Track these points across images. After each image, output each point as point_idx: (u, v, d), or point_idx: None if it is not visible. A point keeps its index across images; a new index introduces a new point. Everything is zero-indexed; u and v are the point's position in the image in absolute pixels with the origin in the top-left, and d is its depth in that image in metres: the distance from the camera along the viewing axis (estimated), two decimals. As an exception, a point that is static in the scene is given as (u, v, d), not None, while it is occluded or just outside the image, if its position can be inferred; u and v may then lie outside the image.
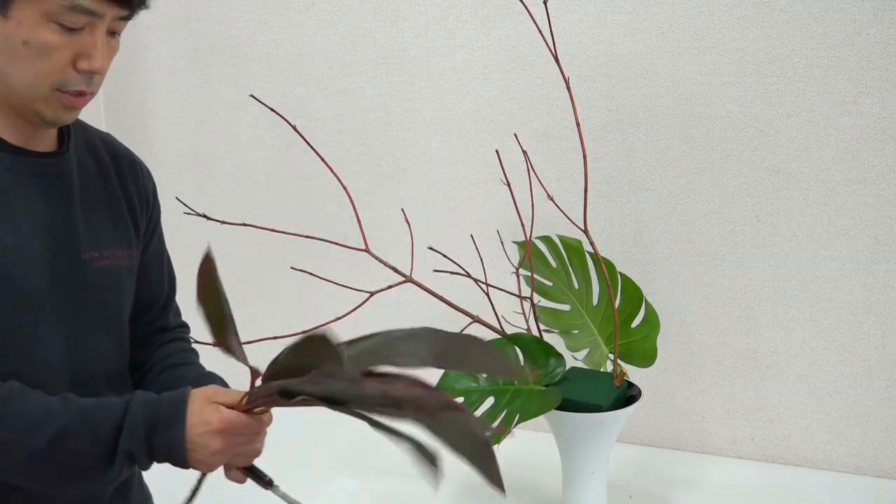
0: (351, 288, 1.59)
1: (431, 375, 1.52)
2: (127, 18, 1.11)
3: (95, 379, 1.18)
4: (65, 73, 1.07)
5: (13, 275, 1.08)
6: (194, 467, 1.06)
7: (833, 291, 1.72)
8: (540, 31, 1.53)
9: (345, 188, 1.56)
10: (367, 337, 1.02)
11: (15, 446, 0.99)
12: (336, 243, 1.57)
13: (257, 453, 1.13)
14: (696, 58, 1.73)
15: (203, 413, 1.04)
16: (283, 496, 1.17)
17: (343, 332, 1.61)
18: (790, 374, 1.77)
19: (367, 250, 1.53)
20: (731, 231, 1.76)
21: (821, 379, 1.75)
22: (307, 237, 1.61)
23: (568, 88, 1.51)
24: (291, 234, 1.63)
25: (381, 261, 1.51)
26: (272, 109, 1.51)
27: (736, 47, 1.70)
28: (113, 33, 1.11)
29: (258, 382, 1.04)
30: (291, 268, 1.69)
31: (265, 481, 1.17)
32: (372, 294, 1.53)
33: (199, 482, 1.12)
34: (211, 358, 1.29)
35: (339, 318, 1.52)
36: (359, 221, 1.56)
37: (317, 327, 1.48)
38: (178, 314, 1.41)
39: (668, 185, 1.79)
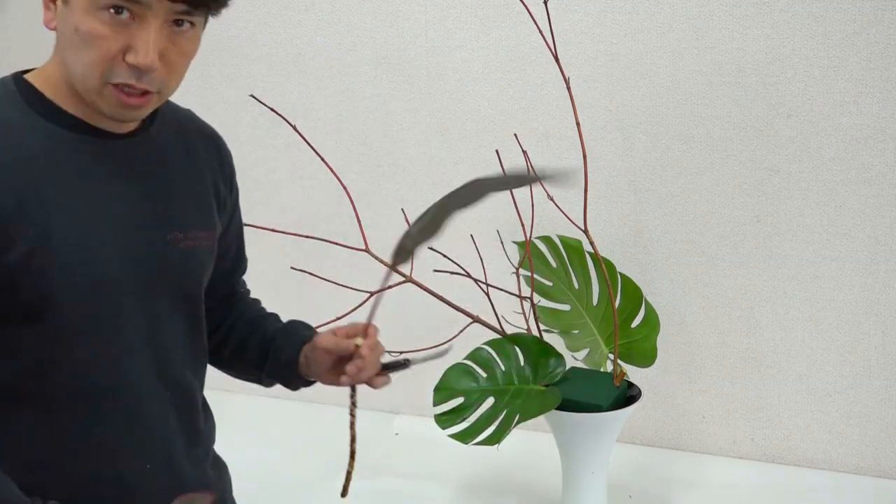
0: (351, 288, 1.59)
1: (432, 378, 1.53)
2: (190, 14, 1.05)
3: (175, 358, 1.19)
4: (113, 64, 1.03)
5: (91, 262, 1.07)
6: None
7: (833, 291, 1.72)
8: (540, 31, 1.53)
9: (345, 188, 1.56)
10: (420, 216, 1.11)
11: None
12: (336, 243, 1.57)
13: None
14: (696, 58, 1.73)
15: None
16: (423, 359, 1.23)
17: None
18: (790, 374, 1.77)
19: (367, 250, 1.53)
20: (731, 231, 1.76)
21: (821, 379, 1.75)
22: (307, 237, 1.61)
23: (568, 88, 1.51)
24: (291, 234, 1.63)
25: (381, 261, 1.51)
26: (272, 109, 1.51)
27: (736, 47, 1.70)
28: (178, 24, 1.05)
29: None
30: (291, 268, 1.69)
31: (403, 364, 1.22)
32: (372, 294, 1.53)
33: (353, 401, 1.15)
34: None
35: (338, 318, 1.52)
36: (359, 221, 1.56)
37: (316, 328, 1.48)
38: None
39: (668, 185, 1.79)
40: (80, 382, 1.09)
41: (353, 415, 1.17)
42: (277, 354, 1.30)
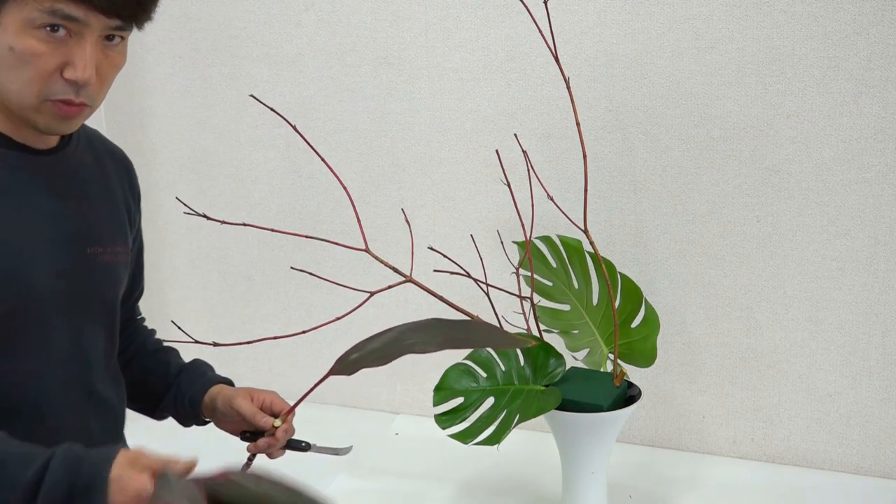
0: (351, 288, 1.59)
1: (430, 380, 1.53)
2: (123, 29, 1.09)
3: (95, 369, 1.20)
4: (50, 81, 1.05)
5: (22, 271, 1.09)
6: None
7: (833, 291, 1.72)
8: (540, 31, 1.53)
9: (345, 188, 1.56)
10: (380, 334, 1.04)
11: None
12: (336, 243, 1.57)
13: None
14: (696, 58, 1.73)
15: (121, 480, 0.97)
16: (322, 450, 1.24)
17: (343, 332, 1.61)
18: (790, 374, 1.77)
19: (367, 250, 1.53)
20: (731, 231, 1.76)
21: (821, 379, 1.75)
22: (307, 237, 1.61)
23: (568, 88, 1.51)
24: (291, 234, 1.63)
25: (381, 261, 1.51)
26: (272, 109, 1.51)
27: (736, 47, 1.70)
28: (110, 39, 1.09)
29: None
30: (291, 268, 1.69)
31: (302, 447, 1.24)
32: (372, 294, 1.53)
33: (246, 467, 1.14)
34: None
35: (339, 318, 1.52)
36: (359, 221, 1.56)
37: (316, 327, 1.49)
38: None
39: (668, 185, 1.79)
40: (5, 393, 1.08)
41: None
42: (182, 392, 1.33)
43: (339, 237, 1.65)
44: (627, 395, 1.51)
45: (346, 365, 1.01)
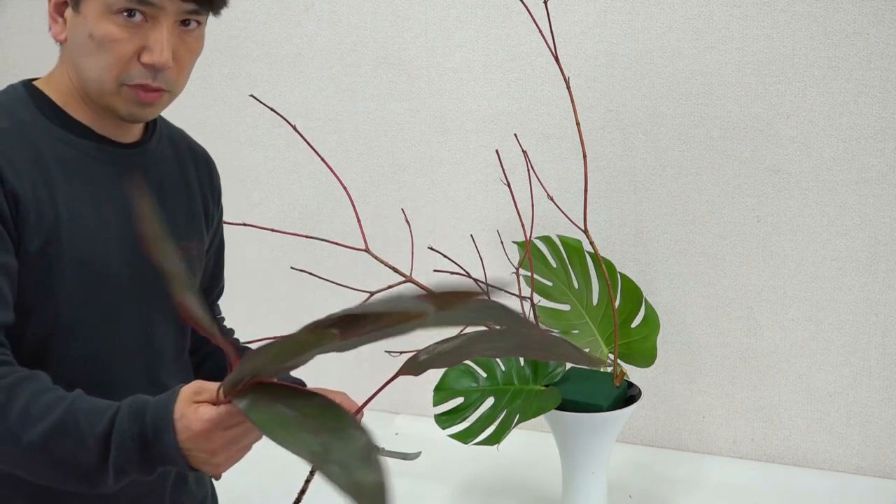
0: (351, 288, 1.59)
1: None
2: (198, 13, 1.10)
3: (164, 362, 1.22)
4: (128, 66, 1.08)
5: (97, 260, 1.11)
6: (201, 470, 1.00)
7: (833, 291, 1.72)
8: (540, 31, 1.53)
9: (345, 188, 1.56)
10: (451, 338, 1.02)
11: (10, 438, 0.98)
12: (336, 243, 1.57)
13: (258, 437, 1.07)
14: (696, 58, 1.73)
15: (184, 417, 0.97)
16: (390, 454, 1.21)
17: (343, 332, 1.60)
18: (790, 374, 1.77)
19: (367, 250, 1.53)
20: (731, 231, 1.76)
21: (821, 379, 1.75)
22: (307, 237, 1.61)
23: (568, 88, 1.51)
24: (291, 233, 1.63)
25: (381, 261, 1.51)
26: (272, 109, 1.51)
27: (736, 47, 1.70)
28: (186, 24, 1.10)
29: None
30: (291, 268, 1.69)
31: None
32: (372, 294, 1.53)
33: (306, 484, 1.11)
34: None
35: (339, 318, 1.51)
36: (359, 221, 1.56)
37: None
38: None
39: (668, 185, 1.79)
40: (71, 378, 1.09)
41: (303, 492, 1.16)
42: None
43: (339, 237, 1.65)
44: (627, 395, 1.51)
45: (416, 366, 1.01)
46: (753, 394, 1.80)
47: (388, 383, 1.09)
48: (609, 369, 1.55)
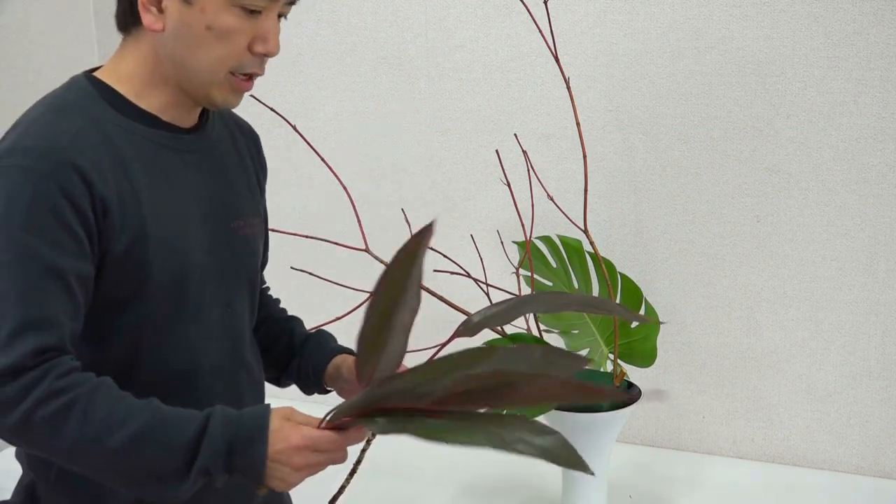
0: (351, 288, 1.59)
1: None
2: (290, 8, 1.16)
3: (244, 341, 1.24)
4: (242, 56, 1.11)
5: (181, 249, 1.13)
6: (271, 486, 1.04)
7: (833, 291, 1.72)
8: (540, 31, 1.53)
9: (345, 188, 1.56)
10: (502, 301, 1.07)
11: (92, 443, 0.99)
12: (336, 243, 1.58)
13: (341, 462, 1.11)
14: (696, 58, 1.73)
15: (283, 430, 1.03)
16: None
17: (343, 333, 1.61)
18: (790, 374, 1.77)
19: (367, 250, 1.53)
20: (731, 231, 1.76)
21: (821, 379, 1.75)
22: (307, 237, 1.61)
23: (568, 88, 1.51)
24: (291, 233, 1.63)
25: (381, 261, 1.51)
26: (272, 109, 1.51)
27: (736, 47, 1.70)
28: (281, 16, 1.16)
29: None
30: (291, 268, 1.69)
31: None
32: (372, 294, 1.53)
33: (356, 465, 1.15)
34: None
35: (339, 318, 1.52)
36: (359, 221, 1.56)
37: (316, 327, 1.49)
38: None
39: (668, 185, 1.79)
40: (162, 368, 1.13)
41: (369, 441, 1.20)
42: (306, 360, 1.34)
43: (339, 237, 1.65)
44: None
45: (471, 327, 1.05)
46: (753, 394, 1.80)
47: (444, 345, 1.11)
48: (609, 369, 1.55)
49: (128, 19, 1.13)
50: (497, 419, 0.89)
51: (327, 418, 1.03)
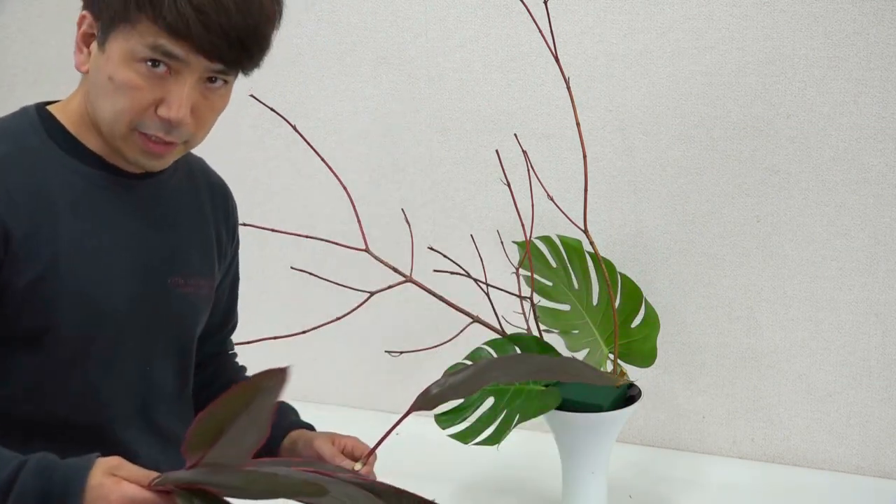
0: (351, 288, 1.59)
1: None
2: (226, 73, 1.08)
3: (163, 402, 1.18)
4: (143, 115, 1.04)
5: (98, 294, 1.07)
6: None
7: (833, 291, 1.72)
8: (540, 31, 1.53)
9: (345, 188, 1.56)
10: (462, 370, 1.02)
11: None
12: (336, 243, 1.57)
13: None
14: (696, 58, 1.73)
15: (102, 487, 0.92)
16: None
17: (343, 332, 1.61)
18: (790, 374, 1.77)
19: (367, 250, 1.53)
20: (731, 231, 1.76)
21: (821, 379, 1.75)
22: (307, 237, 1.61)
23: (568, 88, 1.51)
24: (291, 233, 1.63)
25: (381, 261, 1.51)
26: (272, 109, 1.51)
27: (736, 47, 1.70)
28: (212, 81, 1.07)
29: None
30: (291, 268, 1.68)
31: None
32: (372, 294, 1.53)
33: None
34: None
35: (339, 318, 1.52)
36: (359, 221, 1.56)
37: (316, 327, 1.49)
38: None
39: (668, 185, 1.79)
40: (66, 414, 1.07)
41: None
42: None
43: (339, 237, 1.65)
44: (627, 395, 1.51)
45: (428, 400, 1.01)
46: (753, 394, 1.80)
47: (399, 421, 1.09)
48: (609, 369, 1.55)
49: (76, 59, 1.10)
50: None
51: (155, 481, 0.93)
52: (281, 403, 1.34)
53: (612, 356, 1.53)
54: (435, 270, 1.62)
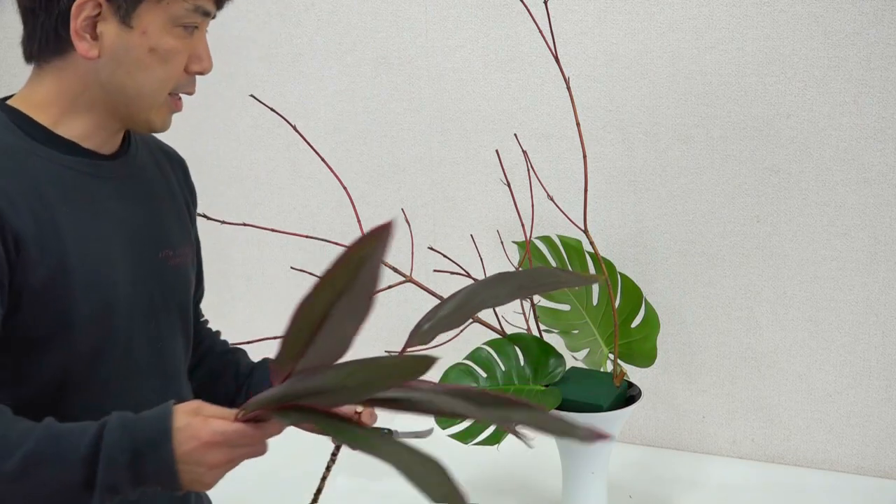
0: (351, 288, 1.58)
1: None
2: (214, 16, 1.13)
3: (177, 378, 1.18)
4: (181, 77, 1.09)
5: (106, 281, 1.07)
6: (189, 488, 0.95)
7: (833, 291, 1.72)
8: (540, 31, 1.53)
9: (345, 188, 1.56)
10: (448, 299, 1.01)
11: None
12: (336, 243, 1.58)
13: (260, 455, 1.01)
14: (696, 58, 1.73)
15: (190, 428, 0.93)
16: (405, 435, 1.19)
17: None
18: (790, 374, 1.77)
19: (367, 250, 1.52)
20: (731, 231, 1.76)
21: (821, 379, 1.75)
22: (307, 237, 1.61)
23: (568, 88, 1.51)
24: (291, 233, 1.63)
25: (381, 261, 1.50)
26: (272, 109, 1.51)
27: (736, 47, 1.70)
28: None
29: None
30: (291, 268, 1.69)
31: (385, 434, 1.15)
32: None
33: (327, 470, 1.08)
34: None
35: (339, 318, 1.51)
36: (359, 221, 1.56)
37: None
38: None
39: (668, 185, 1.79)
40: (87, 410, 1.05)
41: (328, 469, 1.13)
42: (256, 388, 1.27)
43: (339, 237, 1.65)
44: (627, 395, 1.51)
45: (421, 335, 0.98)
46: (753, 394, 1.80)
47: (397, 356, 1.08)
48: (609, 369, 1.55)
49: (48, 49, 1.08)
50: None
51: (242, 411, 0.94)
52: (267, 359, 1.30)
53: (612, 356, 1.53)
54: (435, 270, 1.63)
